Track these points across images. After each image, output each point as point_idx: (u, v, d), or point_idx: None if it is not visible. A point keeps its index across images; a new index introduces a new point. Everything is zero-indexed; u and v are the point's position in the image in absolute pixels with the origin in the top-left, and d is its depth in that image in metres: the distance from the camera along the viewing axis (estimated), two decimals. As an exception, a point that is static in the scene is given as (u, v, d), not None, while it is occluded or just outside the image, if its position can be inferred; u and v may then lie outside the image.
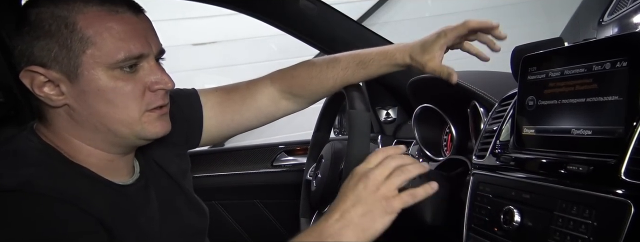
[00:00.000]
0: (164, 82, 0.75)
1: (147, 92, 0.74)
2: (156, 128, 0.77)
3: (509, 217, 0.77)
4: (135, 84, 0.73)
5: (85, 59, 0.70)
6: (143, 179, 0.82)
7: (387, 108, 1.70)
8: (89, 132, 0.75)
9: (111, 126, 0.74)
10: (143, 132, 0.76)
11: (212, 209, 1.61)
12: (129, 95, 0.73)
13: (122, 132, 0.75)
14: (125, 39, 0.71)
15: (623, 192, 0.62)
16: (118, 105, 0.73)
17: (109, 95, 0.72)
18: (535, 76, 0.81)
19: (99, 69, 0.71)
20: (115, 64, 0.71)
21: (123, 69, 0.72)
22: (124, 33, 0.71)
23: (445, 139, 1.34)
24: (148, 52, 0.74)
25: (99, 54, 0.70)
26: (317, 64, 0.98)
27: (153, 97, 0.75)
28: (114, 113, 0.73)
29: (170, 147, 0.90)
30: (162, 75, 0.75)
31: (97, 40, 0.70)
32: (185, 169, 0.93)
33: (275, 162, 1.68)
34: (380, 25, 3.07)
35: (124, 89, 0.72)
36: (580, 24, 1.22)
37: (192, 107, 0.95)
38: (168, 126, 0.79)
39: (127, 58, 0.71)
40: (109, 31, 0.70)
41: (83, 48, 0.70)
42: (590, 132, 0.69)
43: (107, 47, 0.70)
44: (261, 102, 0.99)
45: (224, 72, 2.87)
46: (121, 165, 0.80)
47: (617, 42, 0.69)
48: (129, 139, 0.77)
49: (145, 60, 0.74)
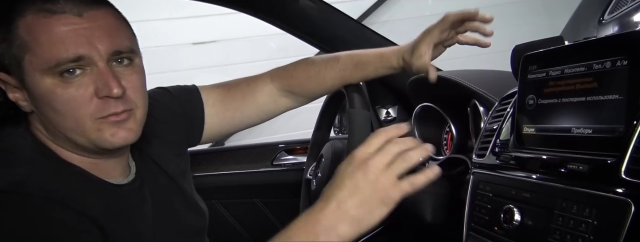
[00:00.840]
0: (108, 89, 0.67)
1: (94, 99, 0.68)
2: (113, 137, 0.70)
3: (509, 216, 0.77)
4: (77, 89, 0.67)
5: (25, 65, 0.67)
6: (138, 180, 0.81)
7: (387, 107, 1.69)
8: (58, 138, 0.72)
9: (66, 133, 0.70)
10: (99, 141, 0.70)
11: (212, 208, 1.61)
12: (71, 102, 0.67)
13: (79, 141, 0.71)
14: (60, 41, 0.66)
15: (623, 191, 0.62)
16: (64, 113, 0.68)
17: (52, 103, 0.68)
18: (536, 75, 0.81)
19: (37, 75, 0.67)
20: (51, 69, 0.66)
21: (63, 75, 0.66)
22: (60, 35, 0.66)
23: (445, 138, 1.34)
24: (90, 54, 0.67)
25: (35, 59, 0.66)
26: (316, 64, 0.98)
27: (102, 105, 0.68)
28: (63, 121, 0.69)
29: (171, 146, 0.90)
30: (108, 80, 0.67)
31: (33, 45, 0.66)
32: (185, 168, 0.93)
33: (275, 161, 1.68)
34: (380, 24, 3.07)
35: (64, 95, 0.67)
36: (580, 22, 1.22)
37: (194, 104, 0.94)
38: (131, 135, 0.72)
39: (61, 62, 0.66)
40: (45, 35, 0.66)
41: (22, 54, 0.67)
42: (590, 131, 0.69)
43: (42, 51, 0.66)
44: (261, 99, 0.99)
45: (224, 71, 2.87)
46: (110, 167, 0.78)
47: (617, 41, 0.69)
48: (89, 148, 0.72)
49: (92, 63, 0.67)
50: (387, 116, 1.69)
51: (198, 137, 0.97)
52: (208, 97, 0.96)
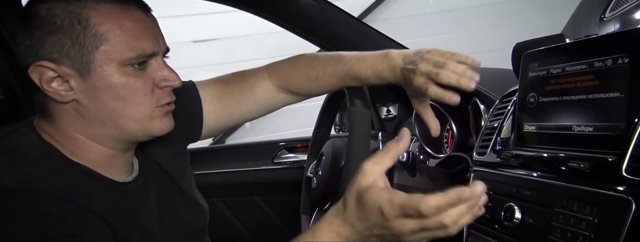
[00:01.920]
0: (172, 79, 0.76)
1: (155, 89, 0.76)
2: (163, 124, 0.78)
3: (509, 214, 0.77)
4: (145, 80, 0.74)
5: (99, 55, 0.70)
6: (142, 177, 0.82)
7: (387, 105, 1.69)
8: (96, 128, 0.75)
9: (120, 122, 0.75)
10: (151, 128, 0.77)
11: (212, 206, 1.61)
12: (139, 91, 0.74)
13: (131, 128, 0.76)
14: (137, 36, 0.72)
15: (624, 189, 0.62)
16: (129, 101, 0.74)
17: (120, 91, 0.73)
18: (536, 73, 0.81)
19: (111, 65, 0.71)
20: (127, 60, 0.72)
21: (134, 66, 0.73)
22: (136, 31, 0.72)
23: (446, 136, 1.34)
24: (158, 51, 0.75)
25: (112, 50, 0.71)
26: (315, 67, 0.96)
27: (161, 94, 0.76)
28: (124, 109, 0.74)
29: (170, 145, 0.90)
30: (169, 72, 0.76)
31: (111, 37, 0.71)
32: (184, 167, 0.93)
33: (275, 159, 1.68)
34: (380, 22, 3.07)
35: (134, 85, 0.73)
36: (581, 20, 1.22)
37: (192, 101, 0.94)
38: (172, 123, 0.80)
39: (140, 56, 0.72)
40: (122, 28, 0.71)
41: (96, 44, 0.70)
42: (591, 129, 0.69)
43: (121, 44, 0.71)
44: (259, 95, 0.98)
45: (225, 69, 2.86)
46: (121, 162, 0.80)
47: (618, 39, 0.69)
48: (136, 135, 0.77)
49: (154, 58, 0.75)
50: (388, 114, 1.69)
51: (197, 134, 0.97)
52: (206, 93, 0.96)
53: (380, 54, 0.90)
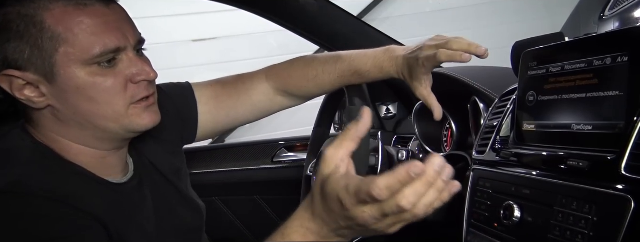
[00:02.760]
0: (145, 73, 0.72)
1: (129, 85, 0.72)
2: (144, 120, 0.74)
3: (509, 212, 0.77)
4: (115, 78, 0.71)
5: (59, 57, 0.67)
6: (137, 177, 0.82)
7: (387, 104, 1.69)
8: (76, 131, 0.73)
9: (97, 123, 0.72)
10: (131, 125, 0.74)
11: (212, 205, 1.61)
12: (111, 90, 0.70)
13: (110, 128, 0.73)
14: (97, 33, 0.68)
15: (623, 188, 0.62)
16: (100, 102, 0.71)
17: (90, 92, 0.70)
18: (536, 71, 0.81)
19: (74, 66, 0.68)
20: (91, 60, 0.68)
21: (101, 65, 0.69)
22: (95, 27, 0.68)
23: (445, 134, 1.34)
24: (125, 45, 0.71)
25: (72, 51, 0.67)
26: (314, 66, 0.96)
27: (136, 89, 0.73)
28: (98, 110, 0.71)
29: (164, 145, 0.89)
30: (142, 66, 0.72)
31: (69, 37, 0.67)
32: (179, 167, 0.92)
33: (275, 158, 1.68)
34: (380, 21, 3.06)
35: (104, 84, 0.70)
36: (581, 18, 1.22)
37: (187, 102, 0.94)
38: (157, 117, 0.77)
39: (103, 53, 0.69)
40: (80, 26, 0.67)
41: (55, 46, 0.67)
42: (590, 128, 0.69)
43: (80, 43, 0.67)
44: (256, 98, 0.98)
45: (224, 69, 2.86)
46: (115, 162, 0.79)
47: (617, 37, 0.69)
48: (118, 133, 0.75)
49: (123, 52, 0.71)
50: (388, 113, 1.69)
51: (192, 136, 0.97)
52: (201, 94, 0.95)
53: (381, 49, 0.91)
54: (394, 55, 0.88)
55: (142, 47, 0.75)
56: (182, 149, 0.96)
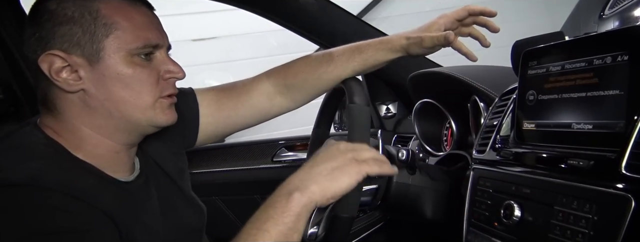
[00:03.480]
0: (175, 72, 0.79)
1: (160, 80, 0.78)
2: (167, 116, 0.80)
3: (509, 211, 0.77)
4: (150, 71, 0.77)
5: (108, 43, 0.73)
6: (143, 176, 0.83)
7: (387, 103, 1.69)
8: (102, 119, 0.76)
9: (126, 111, 0.76)
10: (155, 118, 0.78)
11: (212, 205, 1.61)
12: (145, 81, 0.76)
13: (136, 118, 0.77)
14: (144, 28, 0.76)
15: (623, 187, 0.62)
16: (135, 90, 0.76)
17: (127, 79, 0.75)
18: (536, 70, 0.81)
19: (120, 54, 0.74)
20: (135, 50, 0.75)
21: (140, 56, 0.76)
22: (143, 23, 0.76)
23: (445, 134, 1.34)
24: (163, 43, 0.78)
25: (120, 40, 0.74)
26: (313, 55, 0.99)
27: (165, 85, 0.79)
28: (130, 97, 0.76)
29: (168, 145, 0.91)
30: (174, 65, 0.80)
31: (119, 27, 0.74)
32: (182, 167, 0.94)
33: (275, 157, 1.68)
34: (380, 20, 3.06)
35: (141, 75, 0.76)
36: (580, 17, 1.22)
37: (189, 105, 0.95)
38: (175, 116, 0.82)
39: (146, 46, 0.75)
40: (130, 20, 0.75)
41: (106, 33, 0.73)
42: (590, 127, 0.69)
43: (129, 34, 0.74)
44: (256, 98, 0.98)
45: (224, 68, 2.87)
46: (125, 159, 0.81)
47: (618, 36, 0.69)
48: (141, 125, 0.79)
49: (159, 51, 0.78)
50: (387, 112, 1.69)
51: (193, 139, 0.97)
52: (203, 98, 0.97)
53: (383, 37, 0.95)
54: (396, 34, 0.94)
55: (169, 52, 0.82)
56: (184, 151, 0.97)
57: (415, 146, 1.38)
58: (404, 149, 1.05)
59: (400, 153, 1.03)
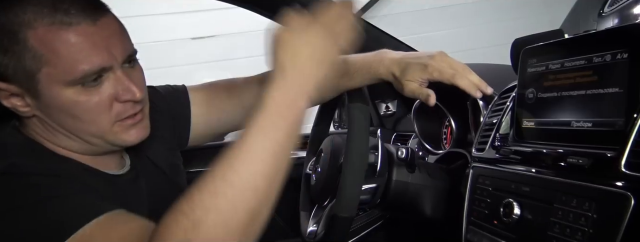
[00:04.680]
0: (131, 94, 0.70)
1: (115, 103, 0.71)
2: (130, 137, 0.74)
3: (508, 210, 0.77)
4: (100, 97, 0.69)
5: (42, 76, 0.66)
6: (133, 172, 0.82)
7: (386, 101, 1.69)
8: (63, 140, 0.73)
9: (84, 137, 0.72)
10: (116, 141, 0.73)
11: (212, 203, 1.61)
12: (94, 109, 0.69)
13: (95, 142, 0.73)
14: (82, 52, 0.66)
15: (623, 185, 0.62)
16: (84, 120, 0.70)
17: (74, 111, 0.69)
18: (535, 68, 0.81)
19: (57, 87, 0.66)
20: (74, 81, 0.66)
21: (85, 84, 0.67)
22: (80, 46, 0.65)
23: (444, 132, 1.34)
24: (110, 64, 0.68)
25: (55, 72, 0.65)
26: None
27: (122, 108, 0.71)
28: (82, 126, 0.70)
29: (161, 141, 0.90)
30: (129, 85, 0.70)
31: (52, 58, 0.65)
32: (177, 163, 0.93)
33: (275, 156, 1.67)
34: (379, 19, 3.06)
35: (87, 104, 0.68)
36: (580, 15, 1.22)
37: (181, 103, 0.94)
38: (144, 132, 0.76)
39: (87, 74, 0.67)
40: (64, 46, 0.65)
41: (38, 66, 0.65)
42: (590, 125, 0.69)
43: (63, 64, 0.65)
44: (247, 101, 0.97)
45: (224, 67, 2.86)
46: (107, 160, 0.79)
47: (617, 34, 0.69)
48: (104, 147, 0.75)
49: (110, 71, 0.69)
50: (387, 110, 1.69)
51: (185, 137, 0.97)
52: (195, 96, 0.96)
53: (372, 52, 0.92)
54: (384, 57, 0.92)
55: (132, 59, 0.73)
56: (177, 147, 0.96)
57: (415, 144, 1.38)
58: (404, 147, 1.05)
59: (399, 151, 1.03)
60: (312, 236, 1.08)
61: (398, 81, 0.89)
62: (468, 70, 0.87)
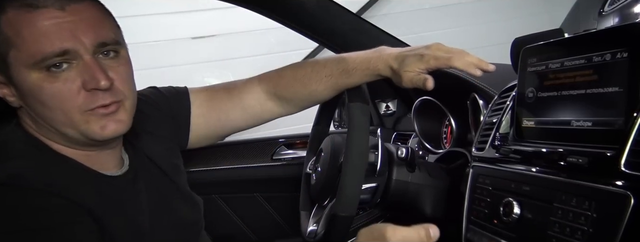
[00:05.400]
0: (95, 81, 0.67)
1: (82, 92, 0.69)
2: (103, 129, 0.71)
3: (508, 209, 0.77)
4: (64, 83, 0.67)
5: (10, 60, 0.67)
6: (132, 172, 0.82)
7: (386, 101, 1.69)
8: (48, 131, 0.73)
9: (56, 127, 0.71)
10: (88, 133, 0.71)
11: (212, 203, 1.61)
12: (58, 96, 0.67)
13: (69, 133, 0.71)
14: (44, 36, 0.65)
15: (623, 184, 0.62)
16: (52, 107, 0.68)
17: (40, 97, 0.68)
18: (535, 68, 0.81)
19: (24, 70, 0.67)
20: (37, 63, 0.66)
21: (50, 69, 0.66)
22: (44, 29, 0.65)
23: (445, 131, 1.34)
24: (75, 48, 0.67)
25: (20, 55, 0.66)
26: (303, 67, 0.97)
27: (90, 97, 0.69)
28: (52, 114, 0.69)
29: (161, 141, 0.90)
30: (95, 72, 0.68)
31: (17, 41, 0.65)
32: (177, 163, 0.93)
33: (275, 155, 1.67)
34: (379, 18, 3.05)
35: (51, 90, 0.67)
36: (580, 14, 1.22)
37: (181, 104, 0.95)
38: (119, 126, 0.72)
39: (47, 56, 0.66)
40: (28, 29, 0.65)
41: (6, 50, 0.66)
42: (590, 124, 0.69)
43: (27, 46, 0.65)
44: (247, 102, 0.98)
45: (224, 66, 2.86)
46: (104, 159, 0.79)
47: (617, 33, 0.68)
48: (80, 140, 0.72)
49: (78, 57, 0.67)
50: (387, 110, 1.69)
51: (185, 138, 0.97)
52: (195, 97, 0.96)
53: (372, 49, 0.92)
54: (382, 53, 0.90)
55: (108, 49, 0.71)
56: (177, 148, 0.96)
57: (415, 144, 1.38)
58: (404, 146, 1.05)
59: (399, 151, 1.03)
60: (312, 235, 1.08)
61: (397, 74, 0.88)
62: (465, 53, 0.84)
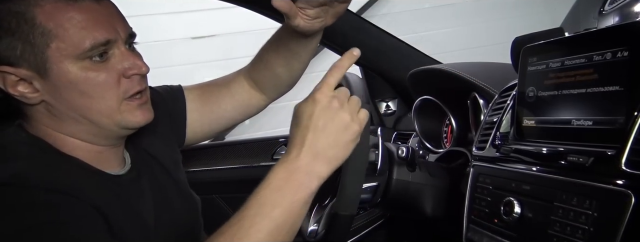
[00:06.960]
0: (137, 67, 0.73)
1: (122, 79, 0.73)
2: (137, 117, 0.76)
3: (509, 208, 0.77)
4: (108, 72, 0.71)
5: (51, 53, 0.68)
6: (135, 170, 0.82)
7: (387, 100, 1.69)
8: (71, 126, 0.74)
9: (91, 118, 0.73)
10: (124, 121, 0.75)
11: (212, 203, 1.61)
12: (103, 84, 0.71)
13: (104, 123, 0.74)
14: (88, 27, 0.69)
15: (623, 183, 0.62)
16: (93, 96, 0.71)
17: (83, 87, 0.71)
18: (536, 67, 0.81)
19: (67, 61, 0.69)
20: (82, 54, 0.69)
21: (92, 59, 0.70)
22: (86, 21, 0.69)
23: (445, 130, 1.34)
24: (115, 38, 0.72)
25: (64, 46, 0.68)
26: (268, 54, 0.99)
27: (129, 84, 0.74)
28: (91, 104, 0.72)
29: (160, 137, 0.91)
30: (134, 60, 0.73)
31: (60, 32, 0.68)
32: (177, 159, 0.94)
33: (275, 155, 1.67)
34: (379, 17, 3.05)
35: (96, 79, 0.71)
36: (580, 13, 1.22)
37: (177, 100, 0.97)
38: (149, 115, 0.78)
39: (94, 46, 0.69)
40: (70, 21, 0.68)
41: (47, 42, 0.68)
42: (590, 123, 0.69)
43: (71, 38, 0.68)
44: (235, 89, 1.00)
45: (224, 66, 2.86)
46: (111, 157, 0.80)
47: (617, 32, 0.68)
48: (112, 129, 0.76)
49: (115, 46, 0.72)
50: (387, 109, 1.69)
51: (182, 134, 0.99)
52: (189, 93, 0.99)
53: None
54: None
55: (133, 41, 0.76)
56: (176, 143, 0.97)
57: (415, 143, 1.38)
58: (404, 146, 1.05)
59: (400, 150, 1.03)
60: (312, 235, 1.08)
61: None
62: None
